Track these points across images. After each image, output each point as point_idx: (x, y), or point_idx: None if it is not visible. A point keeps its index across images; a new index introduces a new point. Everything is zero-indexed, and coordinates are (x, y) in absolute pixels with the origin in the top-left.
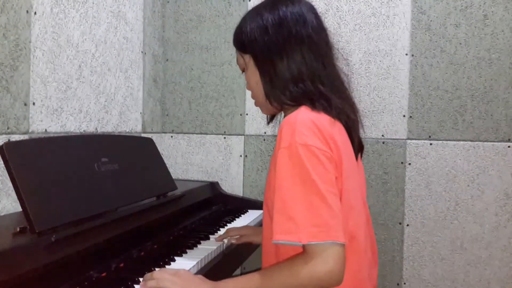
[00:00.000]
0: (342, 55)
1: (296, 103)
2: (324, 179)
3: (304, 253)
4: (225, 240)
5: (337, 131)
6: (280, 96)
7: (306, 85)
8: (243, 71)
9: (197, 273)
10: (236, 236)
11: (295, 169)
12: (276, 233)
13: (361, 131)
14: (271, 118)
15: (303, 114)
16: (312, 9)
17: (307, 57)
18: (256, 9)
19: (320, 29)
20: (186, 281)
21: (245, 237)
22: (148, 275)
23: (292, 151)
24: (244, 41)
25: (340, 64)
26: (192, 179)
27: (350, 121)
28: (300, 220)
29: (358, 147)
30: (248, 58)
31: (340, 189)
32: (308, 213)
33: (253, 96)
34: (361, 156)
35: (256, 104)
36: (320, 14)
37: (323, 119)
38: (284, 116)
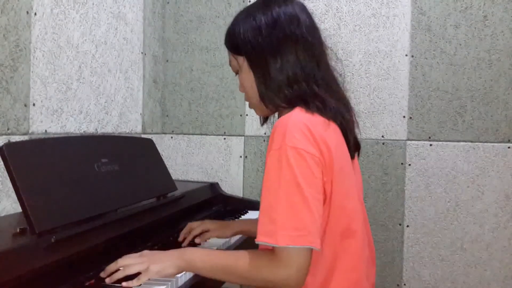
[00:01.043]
0: (336, 54)
1: (290, 105)
2: (310, 183)
3: (272, 253)
4: (224, 241)
5: (331, 133)
6: (274, 98)
7: (300, 87)
8: (236, 73)
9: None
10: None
11: (282, 171)
12: (259, 234)
13: (357, 130)
14: (264, 120)
15: (296, 116)
16: (305, 9)
17: (302, 58)
18: (248, 10)
19: (313, 29)
20: (151, 255)
21: (209, 233)
22: (111, 265)
23: (282, 154)
24: (237, 42)
25: (334, 63)
26: (192, 180)
27: (345, 121)
28: (281, 222)
29: (354, 147)
30: (241, 60)
31: (329, 192)
32: (289, 216)
33: (247, 98)
34: (358, 156)
35: (250, 105)
36: (312, 14)
37: (316, 121)
38: (279, 117)
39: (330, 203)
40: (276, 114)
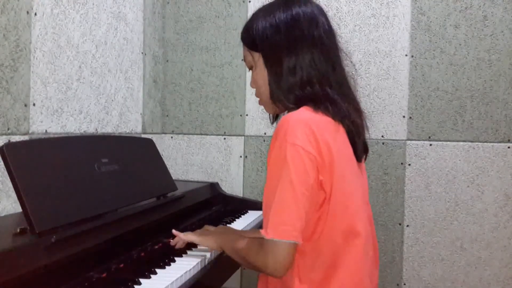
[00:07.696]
0: (349, 58)
1: (299, 106)
2: (301, 180)
3: (262, 243)
4: None
5: (336, 135)
6: (283, 98)
7: (313, 88)
8: (250, 68)
9: (198, 273)
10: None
11: (278, 166)
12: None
13: (366, 133)
14: (274, 118)
15: (299, 115)
16: (323, 12)
17: (317, 59)
18: (268, 7)
19: (330, 32)
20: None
21: None
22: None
23: (281, 151)
24: (254, 38)
25: (347, 67)
26: (192, 179)
27: (354, 125)
28: (271, 216)
29: (363, 149)
30: (257, 57)
31: (328, 192)
32: (279, 211)
33: (257, 94)
34: (366, 158)
35: (260, 102)
36: (330, 17)
37: (321, 121)
38: None
39: (329, 202)
40: (286, 112)
